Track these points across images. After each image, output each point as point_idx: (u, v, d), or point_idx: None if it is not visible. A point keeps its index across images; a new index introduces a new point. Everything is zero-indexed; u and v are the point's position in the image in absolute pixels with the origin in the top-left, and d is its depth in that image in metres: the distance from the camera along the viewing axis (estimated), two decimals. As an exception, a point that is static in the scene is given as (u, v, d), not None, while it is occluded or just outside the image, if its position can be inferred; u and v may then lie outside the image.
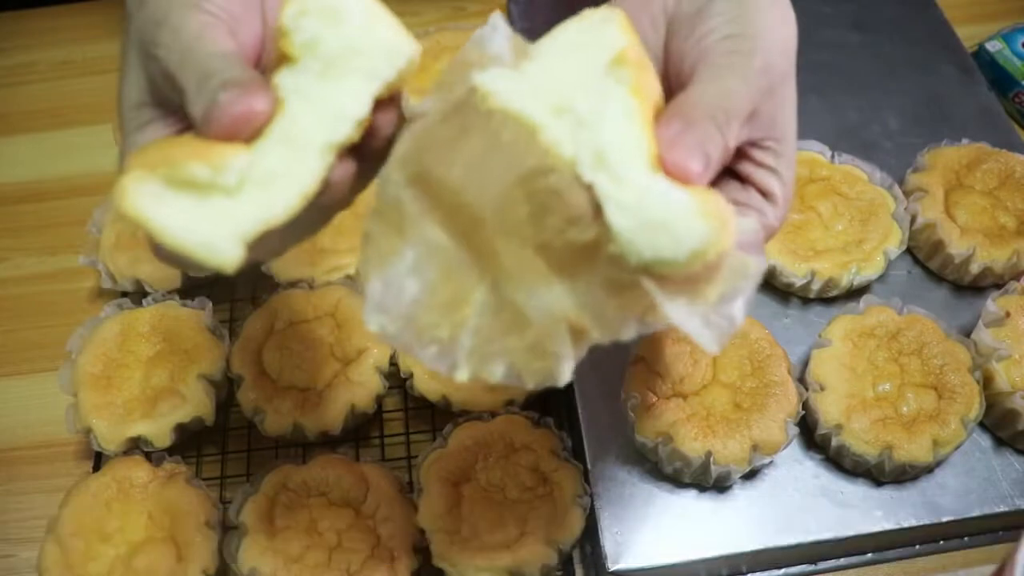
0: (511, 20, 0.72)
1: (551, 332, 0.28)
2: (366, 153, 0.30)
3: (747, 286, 0.28)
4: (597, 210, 0.26)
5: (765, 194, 0.32)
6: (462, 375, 0.29)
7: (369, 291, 0.29)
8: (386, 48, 0.28)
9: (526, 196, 0.27)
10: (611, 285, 0.28)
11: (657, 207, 0.26)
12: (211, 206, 0.26)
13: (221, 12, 0.29)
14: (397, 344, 0.29)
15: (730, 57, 0.30)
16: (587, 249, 0.27)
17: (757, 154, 0.32)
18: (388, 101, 0.29)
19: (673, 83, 0.32)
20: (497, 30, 0.29)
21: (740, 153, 0.32)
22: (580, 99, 0.27)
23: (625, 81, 0.27)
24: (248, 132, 0.27)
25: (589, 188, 0.27)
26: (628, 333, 0.28)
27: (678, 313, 0.27)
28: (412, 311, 0.29)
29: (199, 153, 0.26)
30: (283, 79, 0.28)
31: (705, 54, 0.30)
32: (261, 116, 0.27)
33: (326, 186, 0.28)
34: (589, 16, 0.29)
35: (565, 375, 0.28)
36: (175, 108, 0.29)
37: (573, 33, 0.29)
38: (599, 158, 0.26)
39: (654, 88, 0.29)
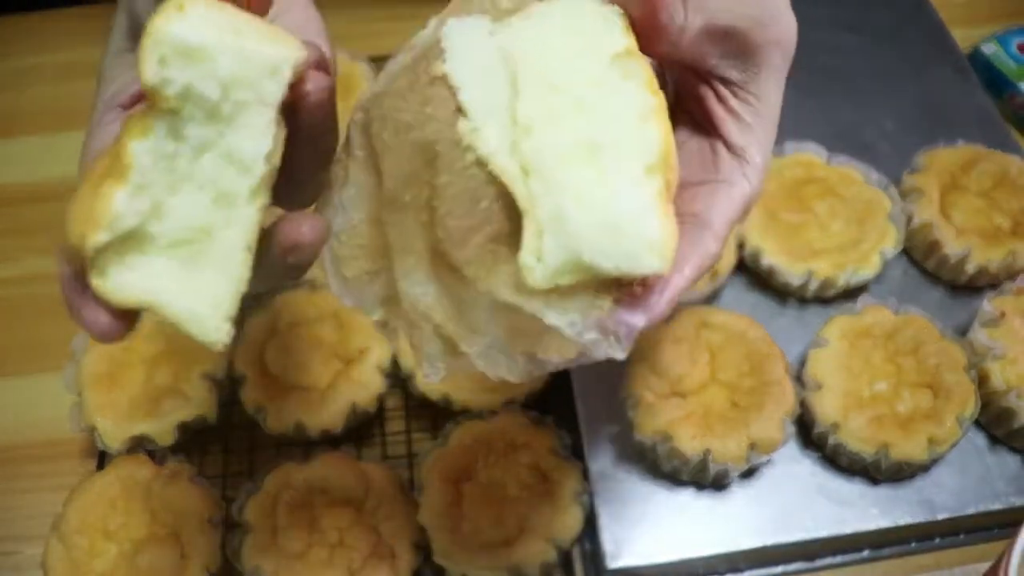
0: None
1: (419, 324, 0.27)
2: (308, 120, 0.27)
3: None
4: (504, 218, 0.24)
5: (736, 152, 0.30)
6: (375, 315, 0.28)
7: (315, 207, 0.29)
8: (267, 67, 0.25)
9: (425, 184, 0.25)
10: (497, 310, 0.25)
11: (629, 217, 0.23)
12: (188, 282, 0.25)
13: None
14: (321, 260, 0.29)
15: None
16: (479, 262, 0.25)
17: (732, 100, 0.30)
18: (301, 80, 0.27)
19: None
20: None
21: (715, 93, 0.30)
22: (570, 84, 0.24)
23: (638, 77, 0.25)
24: None
25: (503, 195, 0.24)
26: (509, 370, 0.26)
27: (571, 328, 0.25)
28: (334, 241, 0.29)
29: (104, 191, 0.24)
30: (162, 127, 0.25)
31: None
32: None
33: (293, 245, 0.27)
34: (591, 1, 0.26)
35: (432, 376, 0.27)
36: None
37: (575, 13, 0.26)
38: (591, 149, 0.24)
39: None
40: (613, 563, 0.47)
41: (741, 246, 0.56)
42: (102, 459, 0.53)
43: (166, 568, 0.46)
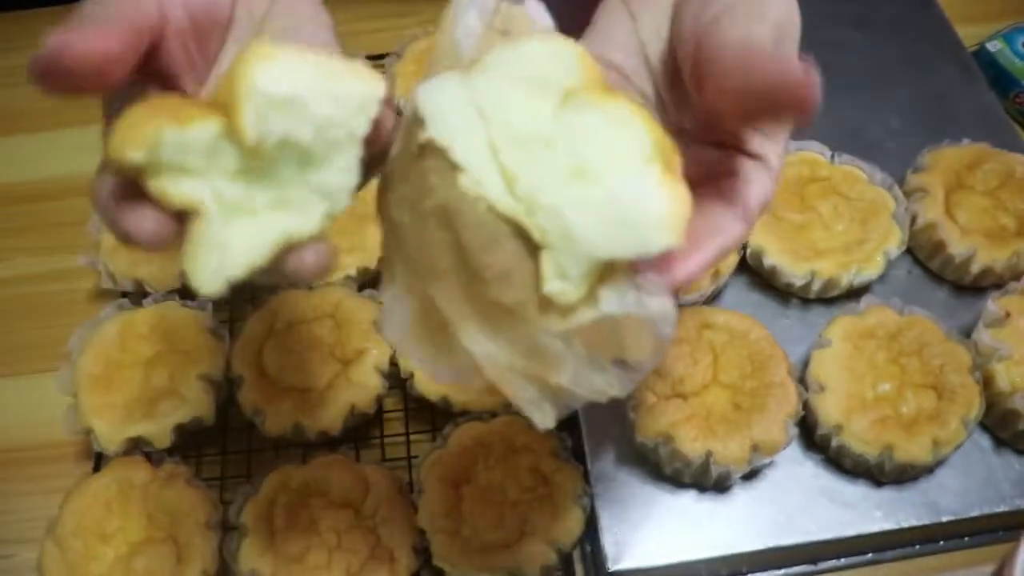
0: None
1: (508, 379, 0.27)
2: (372, 150, 0.29)
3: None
4: (530, 255, 0.25)
5: (756, 158, 0.30)
6: (474, 383, 0.28)
7: (383, 304, 0.29)
8: (354, 106, 0.26)
9: (453, 248, 0.26)
10: (568, 334, 0.26)
11: (629, 202, 0.24)
12: (229, 220, 0.26)
13: None
14: (405, 355, 0.29)
15: (746, 20, 0.28)
16: (528, 302, 0.26)
17: None
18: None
19: (685, 40, 0.30)
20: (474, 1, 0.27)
21: None
22: (535, 127, 0.25)
23: (591, 99, 0.25)
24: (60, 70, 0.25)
25: (522, 234, 0.25)
26: (608, 384, 0.27)
27: (620, 304, 0.26)
28: (405, 331, 0.29)
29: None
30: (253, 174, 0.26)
31: (719, 17, 0.29)
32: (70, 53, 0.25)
33: (293, 273, 0.28)
34: (548, 41, 0.27)
35: (546, 421, 0.27)
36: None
37: (530, 58, 0.26)
38: (578, 171, 0.25)
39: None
40: (614, 566, 0.46)
41: (743, 245, 0.56)
42: (98, 461, 0.53)
43: (163, 571, 0.46)
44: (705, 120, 0.31)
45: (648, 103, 0.32)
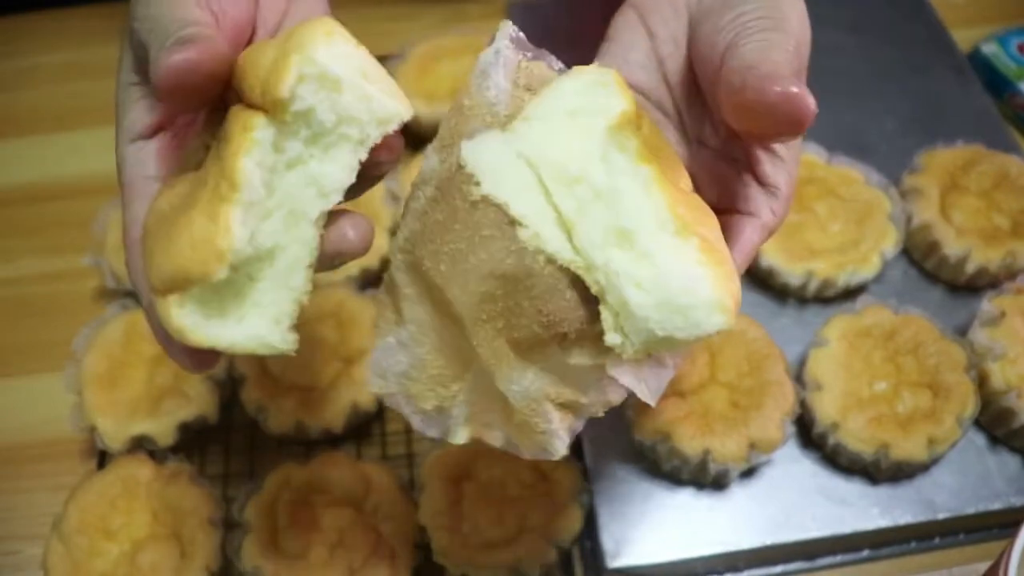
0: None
1: (535, 413, 0.29)
2: (365, 176, 0.30)
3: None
4: (587, 303, 0.27)
5: (767, 186, 0.31)
6: (459, 439, 0.31)
7: (373, 355, 0.31)
8: (379, 115, 0.28)
9: (502, 296, 0.27)
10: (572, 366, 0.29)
11: (679, 288, 0.25)
12: (248, 305, 0.27)
13: None
14: (392, 405, 0.31)
15: (768, 34, 0.29)
16: (555, 338, 0.28)
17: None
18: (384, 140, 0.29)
19: (704, 61, 0.31)
20: (500, 55, 0.28)
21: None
22: (584, 171, 0.26)
23: (630, 148, 0.27)
24: (187, 83, 0.26)
25: (578, 283, 0.27)
26: (613, 394, 0.29)
27: (622, 374, 0.28)
28: (403, 381, 0.31)
29: (198, 243, 0.26)
30: (263, 134, 0.26)
31: (744, 29, 0.30)
32: (200, 65, 0.26)
33: (337, 254, 0.29)
34: (580, 75, 0.28)
35: (560, 449, 0.29)
36: None
37: (568, 96, 0.27)
38: (621, 234, 0.26)
39: (660, 141, 0.29)
40: (613, 562, 0.47)
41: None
42: (103, 459, 0.53)
43: (167, 568, 0.47)
44: (725, 136, 0.32)
45: (668, 120, 0.33)
